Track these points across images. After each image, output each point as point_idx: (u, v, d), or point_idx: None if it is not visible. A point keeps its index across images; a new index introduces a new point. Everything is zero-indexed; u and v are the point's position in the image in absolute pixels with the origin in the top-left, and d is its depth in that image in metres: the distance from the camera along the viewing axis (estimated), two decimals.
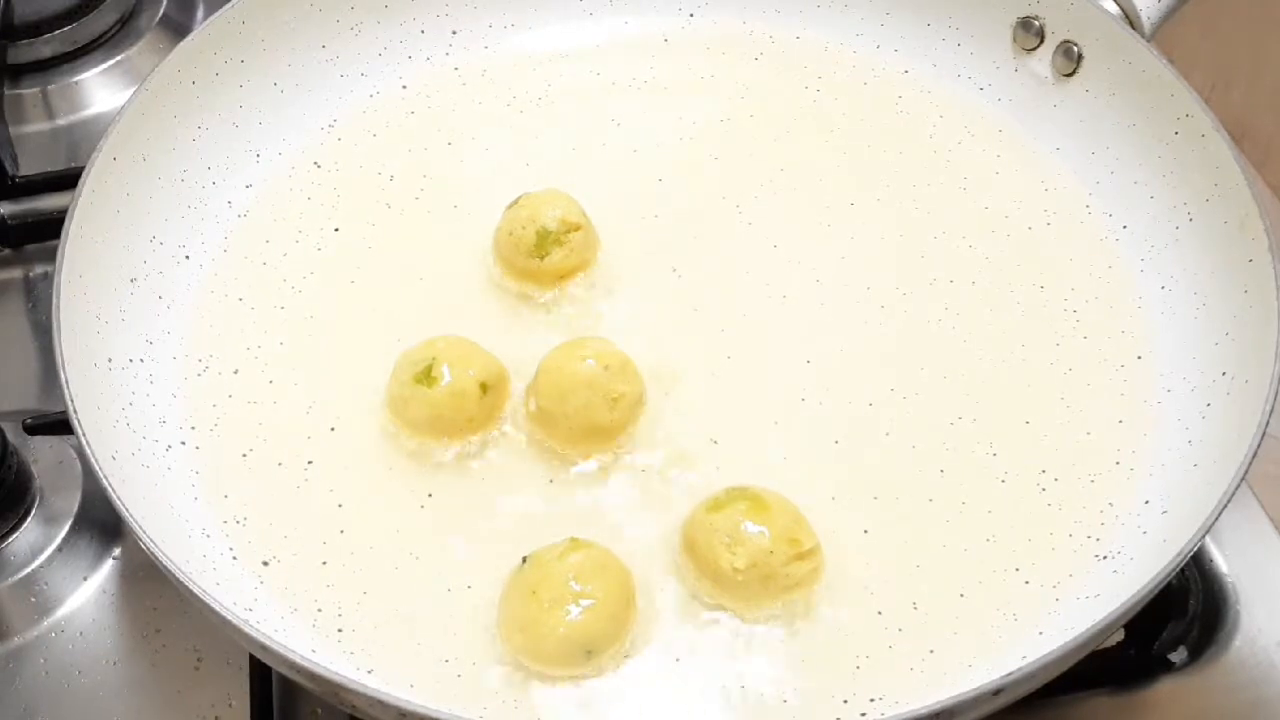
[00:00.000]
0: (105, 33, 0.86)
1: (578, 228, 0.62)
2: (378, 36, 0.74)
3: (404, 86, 0.74)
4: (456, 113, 0.73)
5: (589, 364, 0.56)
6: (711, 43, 0.76)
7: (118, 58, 0.86)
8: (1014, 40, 0.71)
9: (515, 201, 0.63)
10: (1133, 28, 0.66)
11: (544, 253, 0.62)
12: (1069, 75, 0.69)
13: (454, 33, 0.75)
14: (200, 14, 0.89)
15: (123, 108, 0.63)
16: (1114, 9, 0.67)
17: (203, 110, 0.67)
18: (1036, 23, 0.70)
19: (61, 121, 0.84)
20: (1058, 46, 0.69)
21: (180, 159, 0.66)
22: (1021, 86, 0.71)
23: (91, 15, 0.85)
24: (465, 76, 0.74)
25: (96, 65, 0.85)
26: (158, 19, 0.88)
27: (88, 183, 0.60)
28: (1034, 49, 0.70)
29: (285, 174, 0.69)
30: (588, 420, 0.56)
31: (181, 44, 0.67)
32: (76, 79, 0.85)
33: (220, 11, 0.68)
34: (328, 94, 0.72)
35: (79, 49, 0.85)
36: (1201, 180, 0.62)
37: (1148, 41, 0.65)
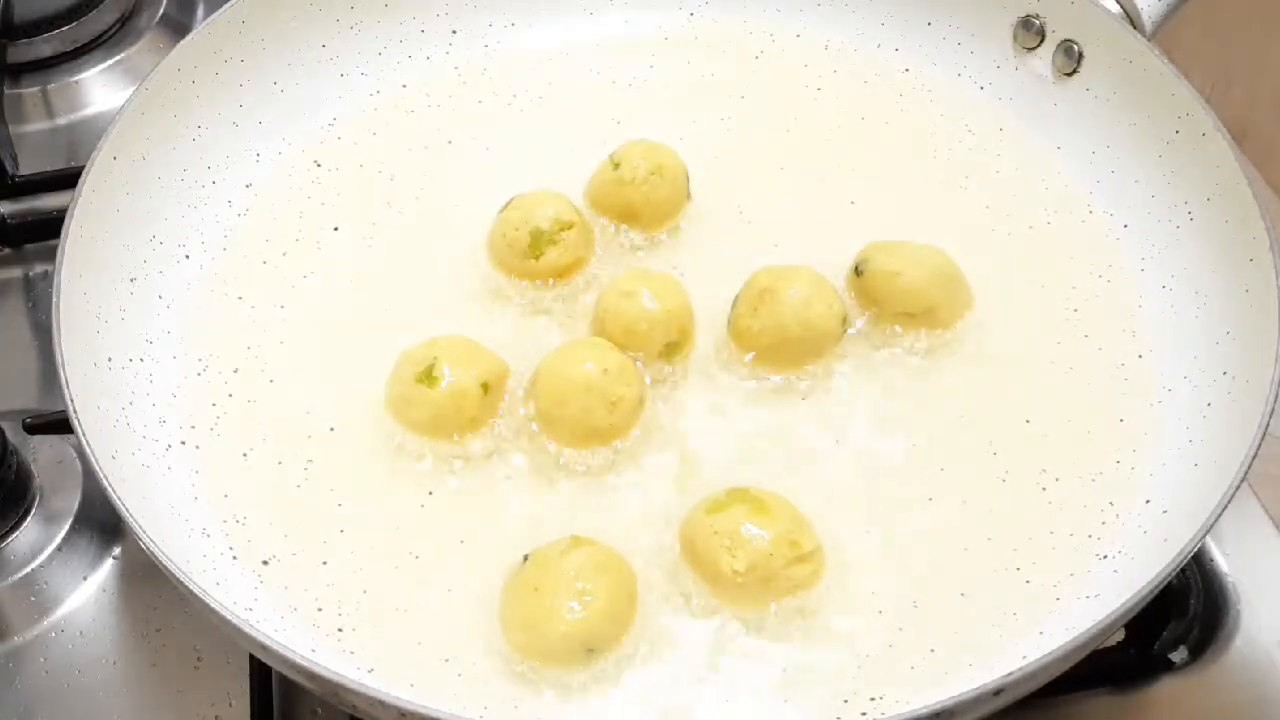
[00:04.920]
0: (105, 32, 0.86)
1: (571, 226, 0.62)
2: (378, 36, 0.74)
3: (404, 86, 0.74)
4: (457, 112, 0.73)
5: (588, 367, 0.56)
6: (712, 41, 0.76)
7: (118, 57, 0.86)
8: (1015, 39, 0.71)
9: (508, 203, 0.64)
10: (1133, 27, 0.66)
11: (539, 252, 0.62)
12: (1070, 74, 0.69)
13: (454, 32, 0.75)
14: (200, 13, 0.90)
15: (122, 107, 0.63)
16: (1115, 8, 0.67)
17: (203, 110, 0.67)
18: (1037, 21, 0.70)
19: (61, 121, 0.84)
20: (1058, 45, 0.69)
21: (180, 158, 0.66)
22: (1022, 85, 0.71)
23: (91, 14, 0.86)
24: (465, 75, 0.74)
25: (96, 65, 0.86)
26: (158, 18, 0.88)
27: (88, 182, 0.60)
28: (1035, 48, 0.70)
29: (285, 173, 0.69)
30: (587, 423, 0.56)
31: (181, 43, 0.67)
32: (76, 78, 0.85)
33: (220, 11, 0.68)
34: (328, 93, 0.72)
35: (79, 48, 0.86)
36: (1202, 179, 0.62)
37: (1148, 40, 0.65)
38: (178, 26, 0.88)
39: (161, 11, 0.89)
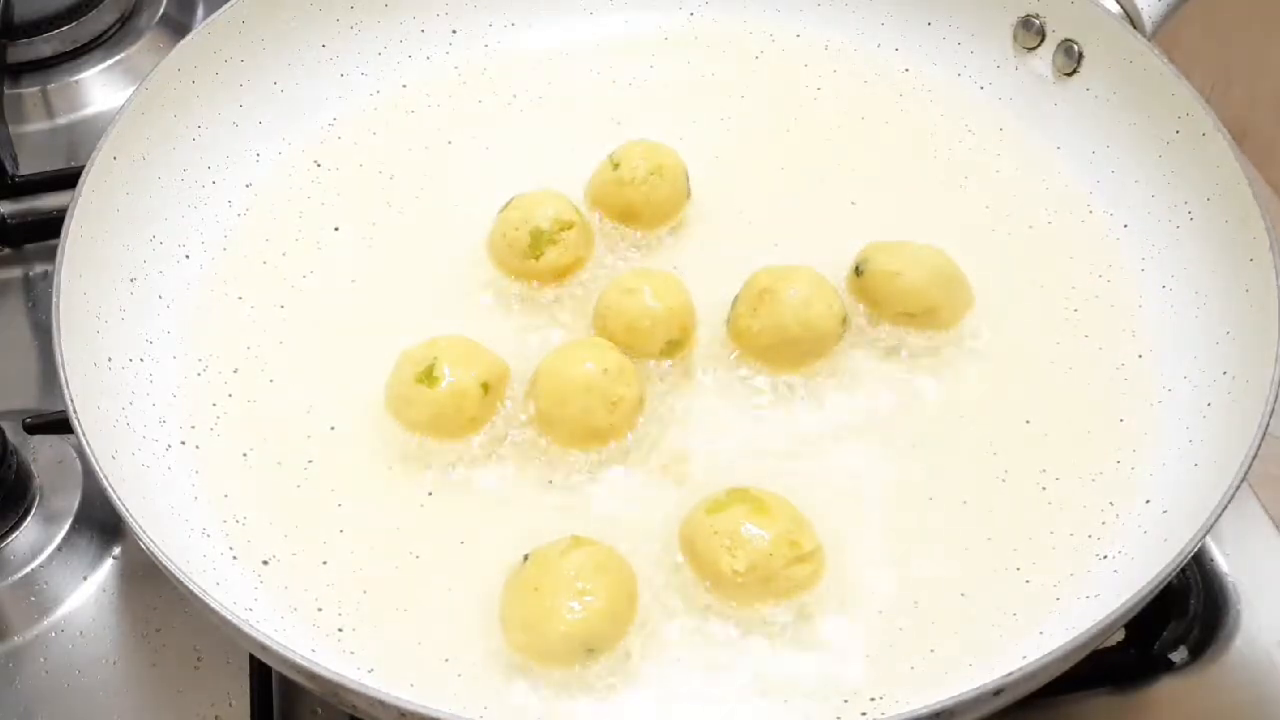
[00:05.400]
0: (105, 32, 0.86)
1: (571, 225, 0.62)
2: (377, 36, 0.74)
3: (404, 85, 0.74)
4: (457, 112, 0.73)
5: (588, 367, 0.56)
6: (712, 41, 0.76)
7: (118, 57, 0.86)
8: (1015, 39, 0.71)
9: (508, 203, 0.64)
10: (1134, 27, 0.66)
11: (539, 252, 0.62)
12: (1070, 74, 0.69)
13: (454, 31, 0.75)
14: (200, 13, 0.89)
15: (122, 107, 0.63)
16: (1115, 8, 0.67)
17: (203, 110, 0.67)
18: (1037, 21, 0.69)
19: (61, 121, 0.84)
20: (1059, 45, 0.69)
21: (180, 158, 0.66)
22: (1022, 85, 0.71)
23: (91, 14, 0.85)
24: (465, 75, 0.74)
25: (96, 64, 0.86)
26: (158, 18, 0.88)
27: (88, 182, 0.60)
28: (1035, 48, 0.70)
29: (285, 173, 0.69)
30: (587, 424, 0.56)
31: (181, 43, 0.67)
32: (76, 78, 0.85)
33: (220, 11, 0.68)
34: (328, 93, 0.72)
35: (79, 48, 0.85)
36: (1202, 179, 0.62)
37: (1149, 40, 0.65)
38: (178, 26, 0.88)
39: (161, 11, 0.88)
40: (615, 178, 0.64)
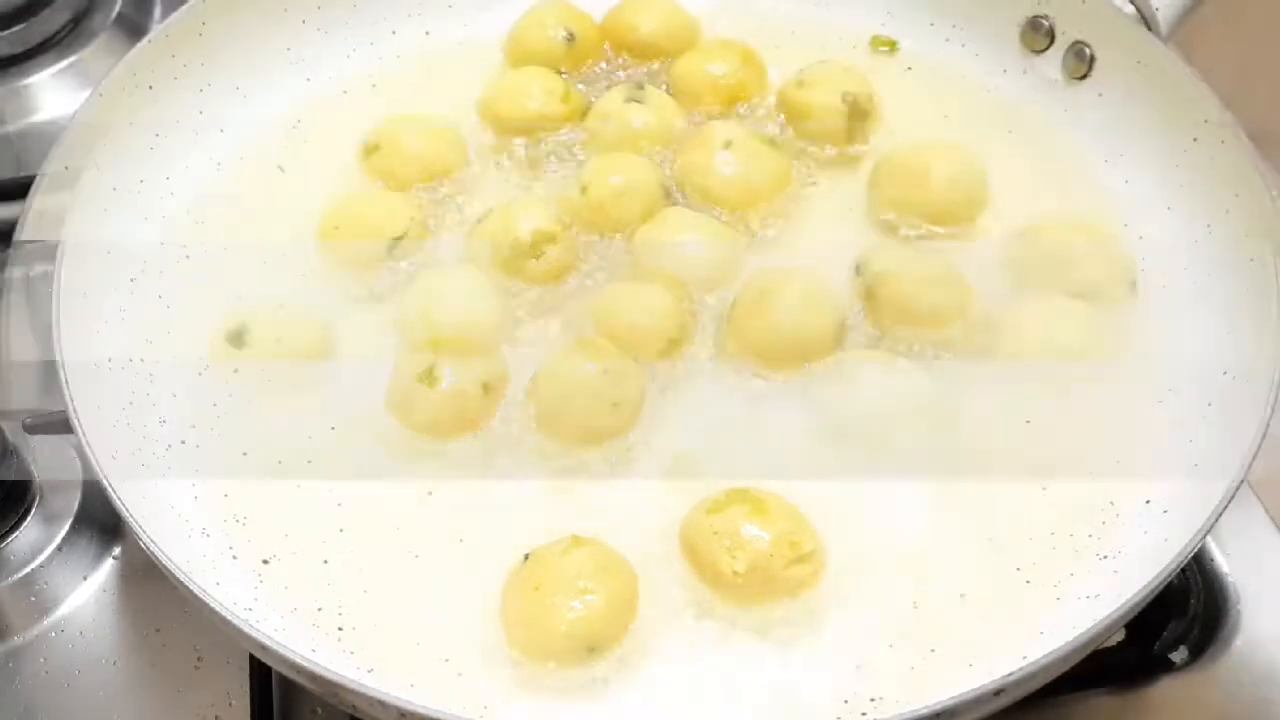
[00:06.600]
0: (57, 33, 0.83)
1: (570, 225, 0.62)
2: (346, 38, 0.73)
3: (374, 86, 0.73)
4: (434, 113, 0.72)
5: (588, 368, 0.56)
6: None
7: (70, 60, 0.83)
8: (1022, 41, 0.70)
9: (507, 204, 0.63)
10: (1148, 28, 0.65)
11: (539, 252, 0.62)
12: (1081, 78, 0.68)
13: (426, 33, 0.75)
14: (158, 13, 0.87)
15: (75, 111, 0.62)
16: (1128, 8, 0.66)
17: (203, 106, 0.68)
18: (1046, 23, 0.69)
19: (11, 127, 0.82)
20: (1069, 48, 0.68)
21: (180, 157, 0.66)
22: (1031, 88, 0.70)
23: (43, 14, 0.82)
24: (438, 77, 0.73)
25: (48, 67, 0.83)
26: (112, 18, 0.85)
27: (86, 181, 0.60)
28: (1044, 50, 0.70)
29: (287, 173, 0.69)
30: (588, 424, 0.56)
31: (171, 27, 0.66)
32: (25, 82, 0.82)
33: (179, 11, 0.67)
34: (292, 96, 0.71)
35: (30, 50, 0.82)
36: (1203, 180, 0.62)
37: (1164, 42, 0.65)
38: (134, 27, 0.85)
39: (116, 11, 0.85)
40: (585, 202, 0.63)
